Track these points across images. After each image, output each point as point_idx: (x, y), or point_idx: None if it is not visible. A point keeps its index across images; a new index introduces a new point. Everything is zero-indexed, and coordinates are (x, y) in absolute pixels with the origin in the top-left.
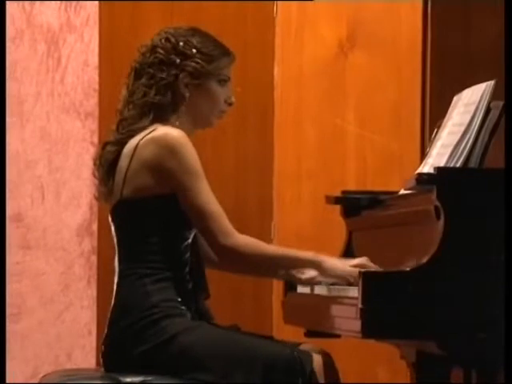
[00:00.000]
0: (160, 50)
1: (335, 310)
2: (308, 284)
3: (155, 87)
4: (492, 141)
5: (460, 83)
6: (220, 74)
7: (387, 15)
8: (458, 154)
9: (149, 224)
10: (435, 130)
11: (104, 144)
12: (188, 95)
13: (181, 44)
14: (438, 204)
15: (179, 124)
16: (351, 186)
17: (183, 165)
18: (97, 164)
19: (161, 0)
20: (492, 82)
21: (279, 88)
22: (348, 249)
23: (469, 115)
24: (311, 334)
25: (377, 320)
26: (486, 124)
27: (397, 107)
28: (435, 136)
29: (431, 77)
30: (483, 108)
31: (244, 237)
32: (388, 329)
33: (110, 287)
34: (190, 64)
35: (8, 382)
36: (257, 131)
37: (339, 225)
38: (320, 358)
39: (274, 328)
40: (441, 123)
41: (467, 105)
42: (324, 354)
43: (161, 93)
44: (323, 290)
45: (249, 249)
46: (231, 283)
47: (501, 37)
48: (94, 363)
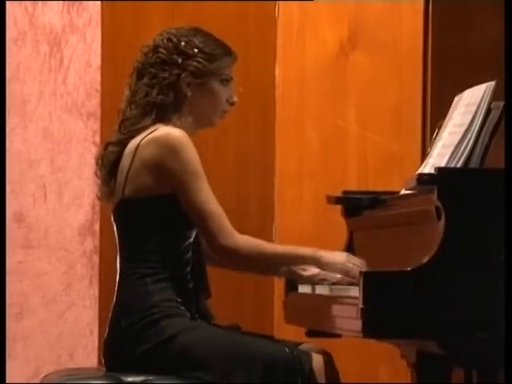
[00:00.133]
0: (162, 50)
1: (336, 310)
2: (310, 281)
3: (157, 87)
4: (492, 141)
5: (461, 84)
6: (222, 74)
7: (388, 16)
8: (459, 155)
9: (150, 224)
10: (436, 131)
11: (106, 144)
12: (190, 95)
13: (182, 44)
14: (439, 204)
15: (181, 124)
16: (352, 186)
17: (184, 165)
18: (99, 164)
19: (162, 0)
20: (493, 83)
21: (281, 88)
22: (349, 249)
23: (469, 116)
24: (312, 334)
25: (377, 320)
26: (487, 124)
27: (398, 108)
28: (436, 136)
29: (432, 77)
30: (484, 108)
31: (244, 237)
32: (389, 328)
33: (112, 287)
34: (192, 63)
35: (10, 382)
36: (258, 131)
37: (340, 225)
38: (320, 358)
39: (275, 327)
40: (441, 123)
41: (468, 105)
42: (324, 354)
43: (163, 92)
44: (324, 290)
45: (249, 249)
46: (232, 282)
47: (501, 38)
48: (96, 363)
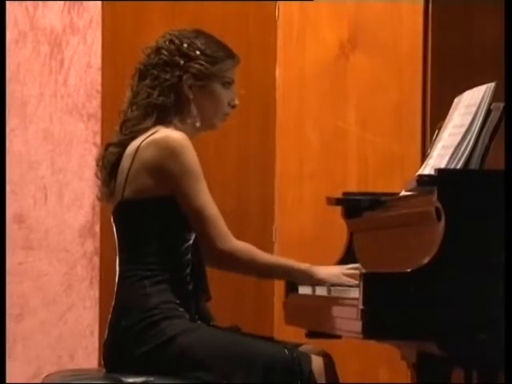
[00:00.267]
0: (164, 52)
1: (336, 311)
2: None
3: (159, 88)
4: (492, 142)
5: (461, 85)
6: (224, 77)
7: (388, 17)
8: (459, 156)
9: (150, 225)
10: (436, 132)
11: (107, 145)
12: (192, 97)
13: (185, 46)
14: (439, 205)
15: (182, 126)
16: (352, 188)
17: (183, 167)
18: (99, 165)
19: (163, 0)
20: (493, 84)
21: (281, 89)
22: (349, 250)
23: (469, 117)
24: (312, 335)
25: (377, 321)
26: (487, 126)
27: (398, 108)
28: (436, 137)
29: (432, 78)
30: (484, 110)
31: (239, 242)
32: (389, 330)
33: (112, 288)
34: (194, 66)
35: (10, 383)
36: (258, 132)
37: (340, 225)
38: (320, 360)
39: (275, 329)
40: (441, 125)
41: (468, 106)
42: (324, 356)
43: (164, 94)
44: (324, 291)
45: (244, 255)
46: (232, 284)
47: (501, 38)
48: (97, 364)
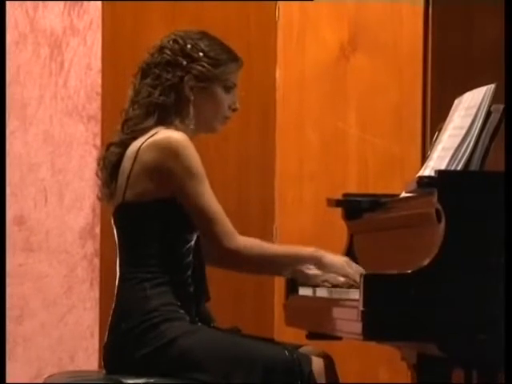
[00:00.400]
0: (167, 51)
1: (336, 313)
2: (313, 282)
3: (160, 88)
4: (492, 144)
5: (461, 86)
6: (226, 80)
7: (388, 18)
8: (459, 157)
9: (150, 228)
10: (436, 133)
11: (108, 145)
12: (192, 98)
13: (188, 46)
14: (439, 207)
15: (182, 127)
16: (352, 189)
17: (185, 168)
18: (100, 165)
19: (163, 0)
20: (493, 86)
21: (281, 90)
22: (349, 251)
23: (469, 118)
24: (312, 336)
25: (378, 322)
26: (487, 127)
27: (398, 110)
28: (436, 139)
29: (432, 80)
30: (484, 111)
31: (246, 238)
32: (389, 331)
33: (113, 290)
34: (196, 67)
35: (10, 383)
36: (259, 133)
37: (340, 226)
38: (320, 361)
39: (276, 330)
40: (442, 126)
41: (468, 108)
42: (325, 357)
43: (165, 93)
44: (324, 293)
45: (251, 250)
46: (233, 285)
47: (501, 39)
48: (97, 365)
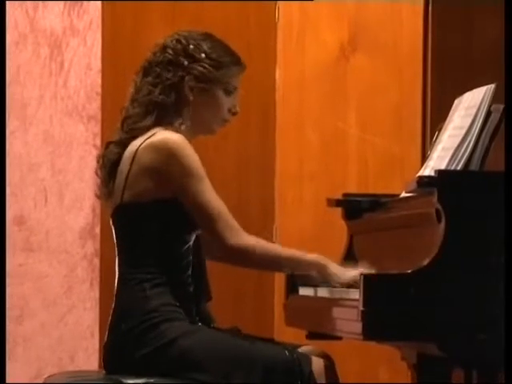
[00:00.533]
0: (169, 51)
1: (336, 312)
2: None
3: (160, 86)
4: (492, 144)
5: (461, 86)
6: (227, 83)
7: (388, 18)
8: (459, 157)
9: (149, 229)
10: (436, 133)
11: (107, 143)
12: (192, 99)
13: (191, 47)
14: (439, 207)
15: (181, 128)
16: (352, 189)
17: (185, 168)
18: (100, 163)
19: (163, 0)
20: (492, 86)
21: (281, 91)
22: (349, 251)
23: (469, 118)
24: (313, 336)
25: (378, 322)
26: (487, 127)
27: (398, 110)
28: (436, 139)
29: (432, 80)
30: (484, 111)
31: (251, 237)
32: (389, 331)
33: (113, 289)
34: (197, 68)
35: (10, 383)
36: (259, 133)
37: (340, 226)
38: (320, 361)
39: (276, 330)
40: (442, 126)
41: (468, 108)
42: (325, 357)
43: (165, 93)
44: (324, 293)
45: (256, 249)
46: (233, 285)
47: (502, 39)
48: (97, 365)
